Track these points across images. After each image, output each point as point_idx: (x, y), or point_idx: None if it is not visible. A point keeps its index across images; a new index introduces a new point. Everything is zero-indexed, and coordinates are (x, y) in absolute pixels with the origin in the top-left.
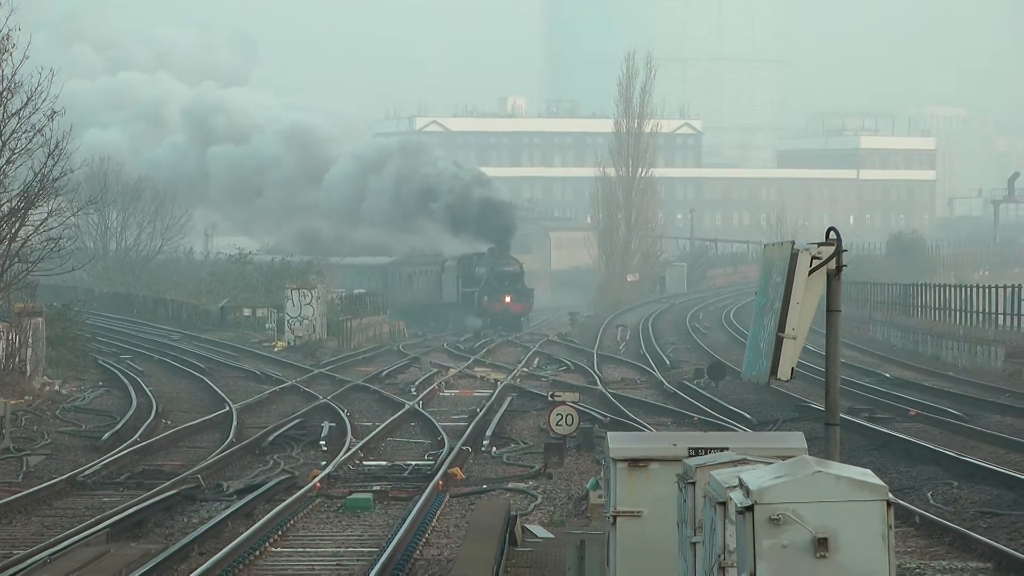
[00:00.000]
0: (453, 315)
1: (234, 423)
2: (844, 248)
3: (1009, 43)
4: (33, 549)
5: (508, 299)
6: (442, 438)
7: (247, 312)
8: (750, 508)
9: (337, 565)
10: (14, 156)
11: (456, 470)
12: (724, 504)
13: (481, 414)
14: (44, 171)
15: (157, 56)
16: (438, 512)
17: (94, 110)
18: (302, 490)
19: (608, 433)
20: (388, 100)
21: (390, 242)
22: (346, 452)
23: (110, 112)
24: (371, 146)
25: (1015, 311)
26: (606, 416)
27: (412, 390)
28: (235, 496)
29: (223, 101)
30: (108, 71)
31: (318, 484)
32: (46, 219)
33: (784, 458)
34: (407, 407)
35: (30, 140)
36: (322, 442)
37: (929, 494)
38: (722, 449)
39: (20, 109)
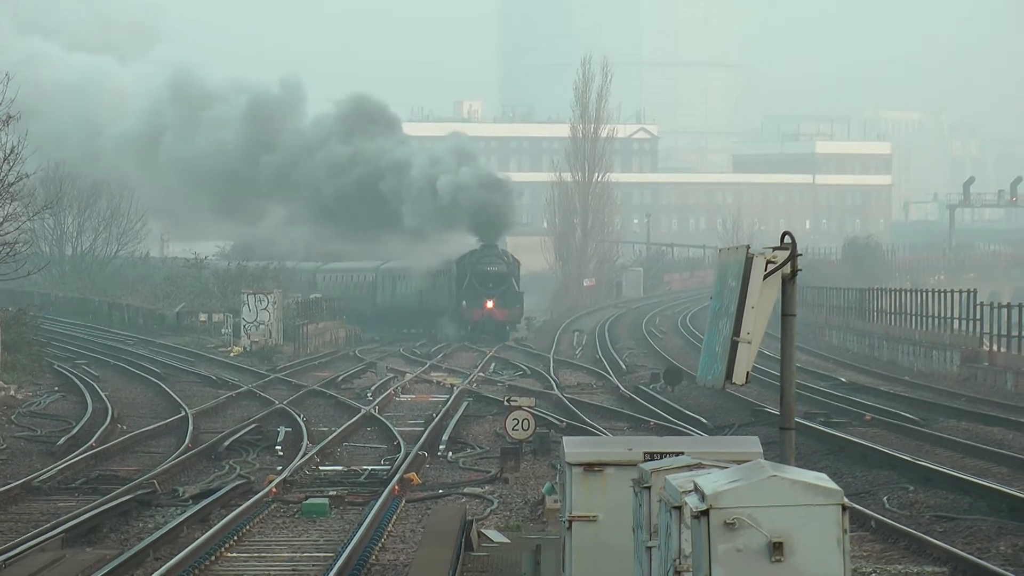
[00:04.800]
0: (439, 321)
1: (190, 428)
2: (799, 252)
3: (962, 45)
4: None
5: (490, 304)
6: (398, 443)
7: (203, 317)
8: (705, 512)
9: (293, 570)
10: None
11: (412, 475)
12: (679, 508)
13: (437, 419)
14: None
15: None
16: (394, 517)
17: None
18: (258, 495)
19: (564, 438)
20: None
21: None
22: (302, 457)
23: None
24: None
25: (970, 316)
26: (562, 421)
27: (368, 395)
28: (191, 501)
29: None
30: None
31: (274, 489)
32: (1, 224)
33: (739, 462)
34: (363, 412)
35: None
36: (278, 447)
37: (885, 498)
38: (678, 453)
39: None
